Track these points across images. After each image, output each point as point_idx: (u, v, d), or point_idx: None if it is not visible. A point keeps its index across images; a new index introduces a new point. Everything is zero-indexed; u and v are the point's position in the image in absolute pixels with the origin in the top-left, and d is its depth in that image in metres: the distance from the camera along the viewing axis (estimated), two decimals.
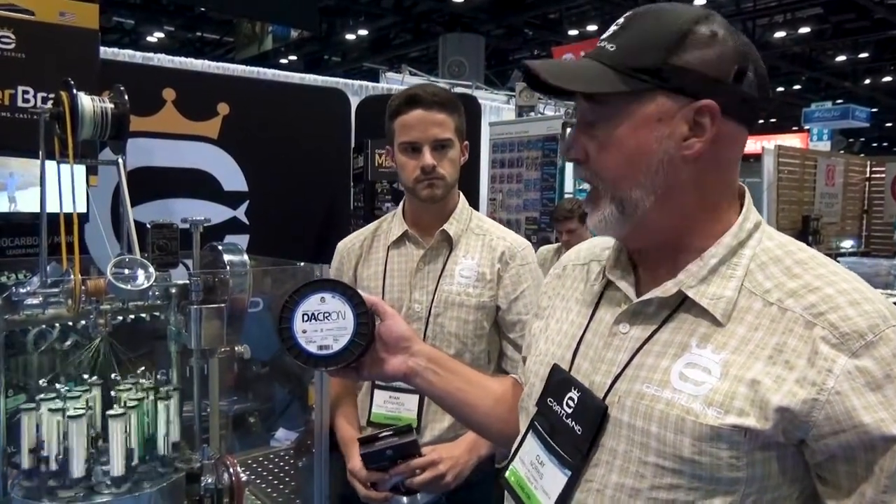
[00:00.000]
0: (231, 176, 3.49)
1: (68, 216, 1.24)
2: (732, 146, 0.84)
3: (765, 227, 0.87)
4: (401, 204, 1.69)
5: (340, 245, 1.75)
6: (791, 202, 7.26)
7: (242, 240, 3.43)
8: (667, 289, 0.84)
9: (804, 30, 13.50)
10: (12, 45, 2.49)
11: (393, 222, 1.68)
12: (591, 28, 12.97)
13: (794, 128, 15.70)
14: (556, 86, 0.83)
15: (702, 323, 0.81)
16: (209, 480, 1.28)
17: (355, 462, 1.41)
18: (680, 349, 0.81)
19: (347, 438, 1.56)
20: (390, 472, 1.39)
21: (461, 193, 1.68)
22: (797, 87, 18.17)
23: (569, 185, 5.81)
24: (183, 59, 4.48)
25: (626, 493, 0.81)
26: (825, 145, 12.87)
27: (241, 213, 3.52)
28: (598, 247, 1.03)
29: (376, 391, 1.61)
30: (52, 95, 2.45)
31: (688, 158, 0.81)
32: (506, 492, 0.97)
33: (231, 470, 1.30)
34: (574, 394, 0.88)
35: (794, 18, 13.09)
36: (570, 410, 0.88)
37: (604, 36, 0.85)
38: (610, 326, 0.89)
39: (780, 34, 13.70)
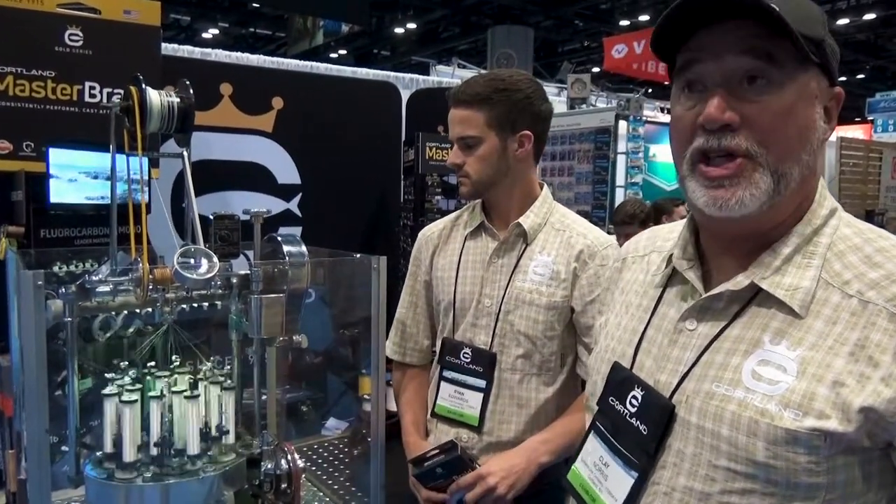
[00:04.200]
0: (285, 169, 3.55)
1: (136, 206, 1.28)
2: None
3: (841, 213, 0.82)
4: None
5: (421, 233, 1.73)
6: (854, 196, 6.99)
7: (295, 231, 3.48)
8: (738, 282, 0.79)
9: (869, 16, 12.93)
10: (80, 43, 2.58)
11: (474, 212, 1.65)
12: (644, 18, 12.69)
13: (857, 119, 15.09)
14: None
15: (775, 317, 0.76)
16: (269, 466, 1.31)
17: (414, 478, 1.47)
18: (752, 345, 0.77)
19: (411, 444, 1.59)
20: (448, 491, 1.41)
21: (544, 185, 1.62)
22: (861, 76, 17.43)
23: (620, 179, 5.72)
24: (239, 54, 4.57)
25: (696, 497, 0.77)
26: (890, 137, 12.32)
27: (294, 205, 3.59)
28: (658, 237, 0.98)
29: (443, 383, 1.59)
30: (117, 91, 2.55)
31: (821, 143, 0.78)
32: (569, 494, 0.94)
33: (289, 456, 1.33)
34: (637, 392, 0.84)
35: (858, 4, 12.54)
36: (633, 409, 0.84)
37: None
38: (675, 323, 0.84)
39: (843, 21, 13.15)
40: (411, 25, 14.13)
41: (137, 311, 1.42)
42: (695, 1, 0.74)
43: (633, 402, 0.85)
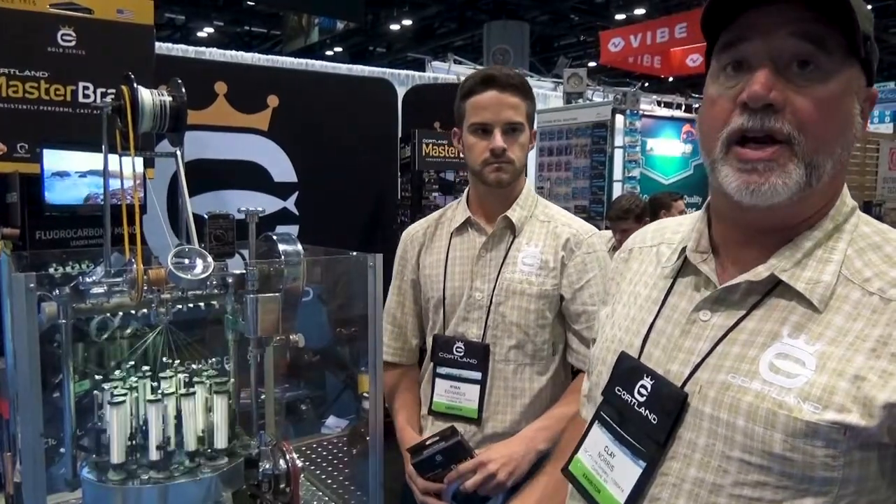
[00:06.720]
0: (281, 167, 3.54)
1: (130, 207, 1.27)
2: None
3: (859, 211, 0.82)
4: (466, 191, 1.67)
5: (405, 233, 1.75)
6: (851, 187, 6.86)
7: (292, 230, 3.48)
8: (758, 273, 0.78)
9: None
10: (73, 43, 2.57)
11: (457, 209, 1.65)
12: (639, 12, 12.66)
13: None
14: None
15: (795, 310, 0.76)
16: (267, 466, 1.30)
17: (412, 468, 1.46)
18: (769, 338, 0.76)
19: (407, 439, 1.58)
20: (444, 479, 1.42)
21: (526, 178, 1.64)
22: None
23: (618, 173, 5.72)
24: (234, 52, 4.56)
25: (707, 489, 0.77)
26: (887, 127, 12.34)
27: (290, 203, 3.58)
28: (667, 230, 0.98)
29: (437, 380, 1.59)
30: (111, 91, 2.54)
31: (854, 140, 0.77)
32: (570, 485, 0.93)
33: (287, 456, 1.32)
34: (647, 382, 0.84)
35: None
36: (642, 399, 0.83)
37: None
38: (688, 314, 0.84)
39: None
40: (406, 22, 14.09)
41: (133, 312, 1.41)
42: None
43: (642, 391, 0.84)
